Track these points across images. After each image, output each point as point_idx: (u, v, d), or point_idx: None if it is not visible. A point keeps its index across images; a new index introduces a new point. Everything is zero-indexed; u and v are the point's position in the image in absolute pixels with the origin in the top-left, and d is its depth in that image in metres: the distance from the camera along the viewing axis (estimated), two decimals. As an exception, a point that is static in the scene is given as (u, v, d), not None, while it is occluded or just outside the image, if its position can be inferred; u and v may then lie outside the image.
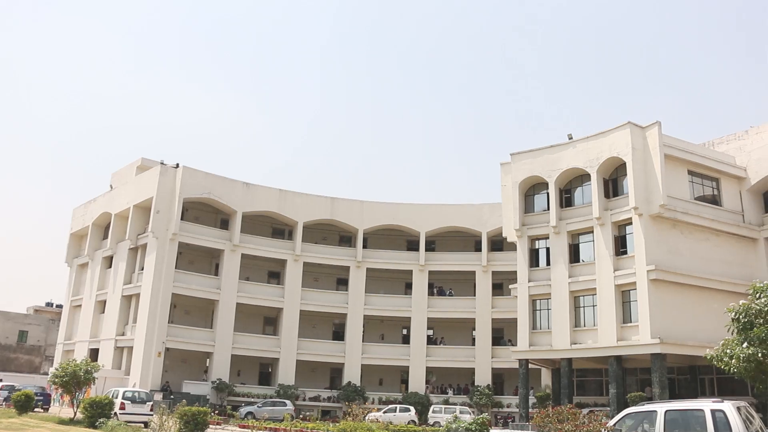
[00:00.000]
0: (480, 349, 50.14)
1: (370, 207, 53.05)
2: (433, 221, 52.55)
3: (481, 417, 26.82)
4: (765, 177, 41.16)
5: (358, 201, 53.35)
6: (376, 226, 52.80)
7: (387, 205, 53.51)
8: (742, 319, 15.46)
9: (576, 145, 40.76)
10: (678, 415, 14.95)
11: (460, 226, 52.62)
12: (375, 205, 53.35)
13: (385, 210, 53.09)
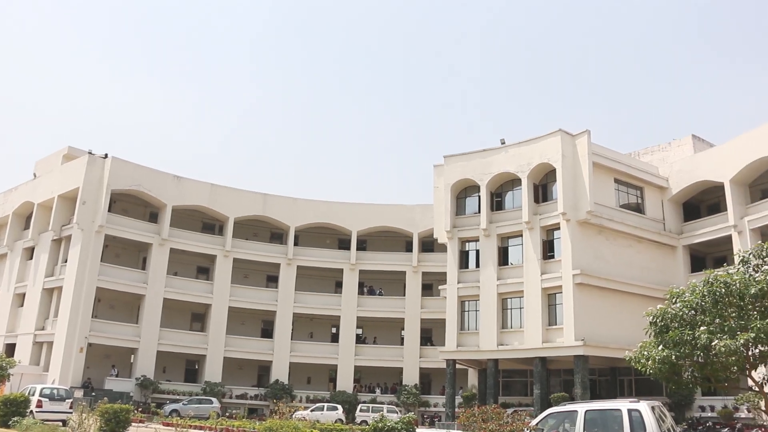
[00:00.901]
0: (408, 349, 50.47)
1: (302, 204, 52.76)
2: (365, 221, 52.66)
3: (407, 416, 27.04)
4: (685, 187, 42.81)
5: (291, 198, 53.00)
6: (307, 224, 52.55)
7: (319, 203, 53.34)
8: (658, 323, 16.03)
9: (508, 150, 41.52)
10: (597, 414, 15.42)
11: (392, 226, 52.90)
12: (307, 202, 53.09)
13: (317, 208, 52.90)
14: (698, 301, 15.48)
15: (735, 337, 14.36)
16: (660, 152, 49.37)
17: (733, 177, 39.59)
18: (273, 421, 25.52)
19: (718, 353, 14.55)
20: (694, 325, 15.40)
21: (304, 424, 26.07)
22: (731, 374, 16.43)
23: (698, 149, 47.14)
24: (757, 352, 15.40)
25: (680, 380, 16.55)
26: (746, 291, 14.79)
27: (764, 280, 14.73)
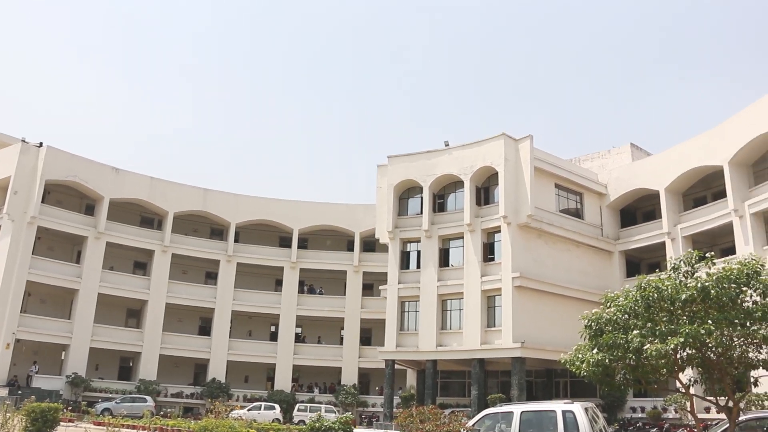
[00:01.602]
0: (348, 349, 50.37)
1: (243, 201, 52.13)
2: (307, 219, 52.35)
3: (345, 416, 26.93)
4: (622, 194, 43.92)
5: (232, 194, 52.32)
6: (249, 221, 52.00)
7: (261, 199, 52.77)
8: (593, 327, 16.30)
9: (452, 152, 41.86)
10: (532, 415, 15.68)
11: (334, 225, 52.75)
12: (249, 199, 52.48)
13: (258, 204, 52.34)
14: (631, 306, 15.79)
15: (665, 341, 14.69)
16: (600, 159, 50.60)
17: (668, 185, 40.78)
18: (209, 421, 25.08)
19: (649, 356, 14.86)
20: (627, 329, 15.70)
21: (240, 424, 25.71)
22: (661, 376, 16.84)
23: (636, 157, 48.49)
24: (685, 355, 15.81)
25: (613, 382, 16.89)
26: (677, 297, 15.14)
27: (694, 287, 15.09)
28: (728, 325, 14.94)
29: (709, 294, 14.94)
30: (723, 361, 15.87)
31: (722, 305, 15.12)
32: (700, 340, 14.72)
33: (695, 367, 16.54)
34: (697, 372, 16.93)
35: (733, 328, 14.98)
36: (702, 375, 16.82)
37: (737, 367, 16.27)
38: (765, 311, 15.14)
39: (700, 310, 15.38)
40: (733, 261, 16.22)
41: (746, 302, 15.45)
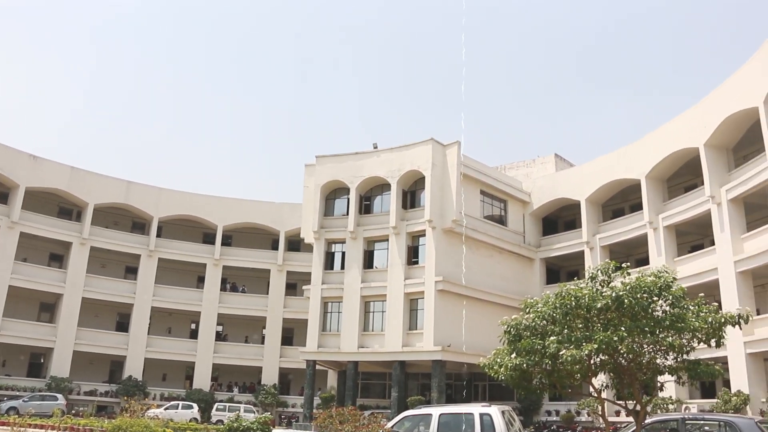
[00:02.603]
0: (269, 348, 49.93)
1: (167, 195, 51.00)
2: (231, 215, 51.66)
3: (264, 416, 26.76)
4: (545, 203, 45.05)
5: (156, 188, 51.08)
6: (172, 216, 50.89)
7: (186, 194, 51.77)
8: (512, 332, 16.67)
9: (380, 154, 42.05)
10: (451, 418, 15.93)
11: (259, 223, 52.22)
12: (173, 193, 51.38)
13: (183, 199, 51.32)
14: (550, 313, 16.23)
15: (580, 347, 15.15)
16: (525, 168, 51.76)
17: (589, 196, 42.04)
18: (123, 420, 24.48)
19: (565, 362, 15.28)
20: (544, 335, 16.11)
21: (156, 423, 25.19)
22: (575, 381, 17.34)
23: (560, 168, 49.84)
24: (598, 361, 16.34)
25: (530, 386, 17.29)
26: (593, 305, 15.65)
27: (609, 296, 15.64)
28: (639, 333, 15.54)
29: (623, 303, 15.51)
30: (633, 366, 16.48)
31: (635, 314, 15.71)
32: (613, 347, 15.24)
33: (607, 372, 17.11)
34: (608, 377, 17.51)
35: (644, 336, 15.59)
36: (613, 380, 17.43)
37: (646, 372, 16.91)
38: (673, 320, 15.82)
39: (614, 318, 15.92)
40: (646, 271, 16.86)
41: (657, 312, 16.10)
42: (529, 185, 46.47)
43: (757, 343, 30.03)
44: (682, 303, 16.37)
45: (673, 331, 15.92)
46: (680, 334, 16.03)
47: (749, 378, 30.14)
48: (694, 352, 16.80)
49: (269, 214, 52.16)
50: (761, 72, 30.03)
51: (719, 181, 33.64)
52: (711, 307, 16.64)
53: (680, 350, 16.24)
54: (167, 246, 50.15)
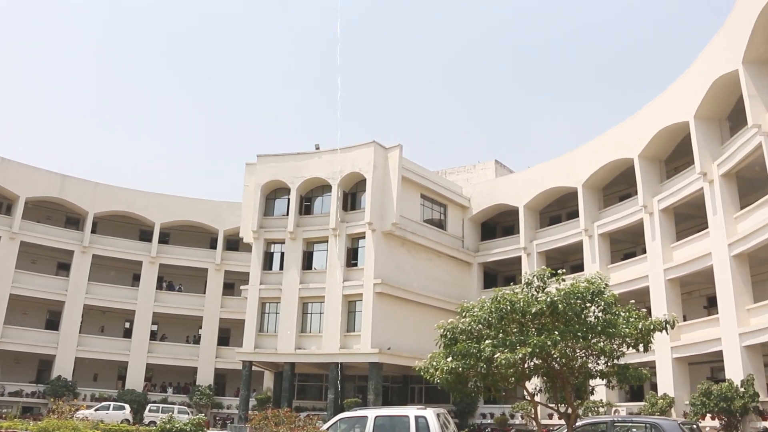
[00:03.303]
0: (205, 348, 49.23)
1: (103, 190, 49.61)
2: (169, 213, 50.74)
3: (197, 417, 26.46)
4: (484, 209, 45.64)
5: (92, 182, 49.63)
6: (108, 211, 49.59)
7: (122, 190, 50.53)
8: (448, 336, 16.85)
9: (322, 155, 41.95)
10: (386, 420, 16.01)
11: (198, 221, 51.45)
12: (109, 188, 50.03)
13: (119, 195, 50.08)
14: (485, 317, 16.45)
15: (515, 351, 15.41)
16: (465, 173, 52.33)
17: (527, 203, 42.75)
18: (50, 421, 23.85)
19: (499, 365, 15.52)
20: (480, 339, 16.33)
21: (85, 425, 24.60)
22: (509, 385, 17.62)
23: (500, 174, 50.58)
24: (532, 365, 16.64)
25: (465, 389, 17.49)
26: (528, 309, 15.94)
27: (544, 301, 15.96)
28: (572, 338, 15.89)
29: (557, 308, 15.84)
30: (565, 370, 16.83)
31: (568, 319, 16.06)
32: (546, 351, 15.54)
33: (541, 376, 17.43)
34: (542, 381, 17.84)
35: (576, 341, 15.95)
36: (546, 384, 17.77)
37: (578, 376, 17.29)
38: (605, 326, 16.24)
39: (548, 322, 16.24)
40: (581, 278, 17.26)
41: (589, 317, 16.50)
42: (469, 190, 46.99)
43: (683, 348, 31.04)
44: (614, 309, 16.81)
45: (605, 336, 16.34)
46: (611, 339, 16.46)
47: (675, 381, 31.12)
48: (623, 356, 17.27)
49: (208, 212, 51.44)
50: (691, 88, 31.07)
51: (652, 192, 34.63)
52: (640, 314, 17.15)
53: (611, 355, 16.67)
54: (102, 242, 48.89)
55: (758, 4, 24.64)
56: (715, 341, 28.97)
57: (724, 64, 28.10)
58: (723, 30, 28.90)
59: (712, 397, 26.21)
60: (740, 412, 25.69)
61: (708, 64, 29.89)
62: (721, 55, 28.46)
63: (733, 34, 27.42)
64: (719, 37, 29.22)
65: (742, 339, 27.22)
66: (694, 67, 31.57)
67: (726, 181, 29.47)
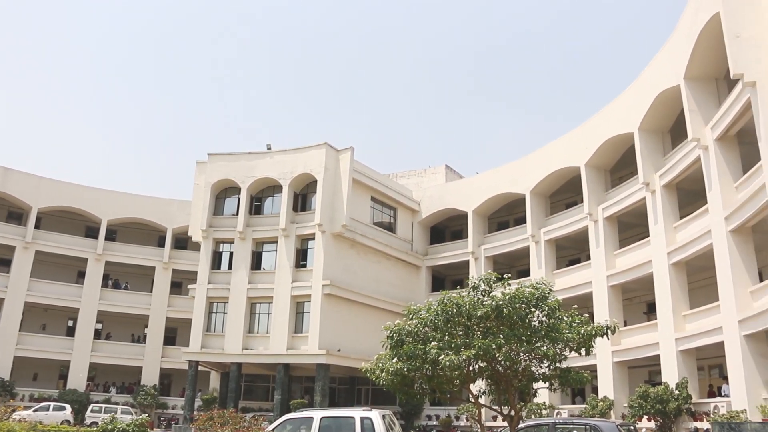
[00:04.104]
0: (150, 348, 48.58)
1: (48, 184, 48.43)
2: (117, 209, 49.92)
3: (140, 418, 26.16)
4: (434, 213, 46.13)
5: (36, 176, 48.36)
6: (53, 206, 48.46)
7: (68, 185, 49.43)
8: (395, 337, 17.07)
9: (273, 156, 41.86)
10: (332, 421, 16.15)
11: (146, 218, 50.79)
12: (54, 183, 48.87)
13: (65, 190, 48.98)
14: (432, 319, 16.74)
15: (459, 353, 15.71)
16: (416, 177, 52.77)
17: (476, 208, 43.35)
18: (-17, 423, 23.25)
19: (444, 367, 15.80)
20: (426, 341, 16.60)
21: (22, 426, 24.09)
22: (454, 387, 17.94)
23: (450, 179, 51.15)
24: (476, 367, 16.98)
25: (411, 391, 17.72)
26: (474, 313, 16.27)
27: (489, 305, 16.31)
28: (516, 342, 16.27)
29: (502, 312, 16.21)
30: (509, 373, 17.22)
31: (513, 323, 16.44)
32: (491, 354, 15.89)
33: (485, 378, 17.79)
34: (486, 383, 18.20)
35: (520, 345, 16.34)
36: (490, 386, 18.15)
37: (521, 379, 17.69)
38: (548, 330, 16.68)
39: (493, 326, 16.59)
40: (526, 283, 17.67)
41: (534, 321, 16.92)
42: (419, 194, 47.42)
43: (623, 352, 31.90)
44: (557, 314, 17.26)
45: (548, 340, 16.76)
46: (554, 343, 16.90)
47: (615, 385, 31.97)
48: (566, 360, 17.75)
49: (157, 210, 50.80)
50: (636, 101, 31.97)
51: (597, 200, 35.49)
52: (583, 319, 17.65)
53: (553, 359, 17.12)
54: (46, 238, 47.75)
55: (699, 25, 25.51)
56: (653, 346, 29.89)
57: (667, 79, 29.00)
58: (666, 46, 29.83)
59: (649, 400, 27.01)
60: (674, 414, 26.55)
61: (652, 79, 30.81)
62: (665, 70, 29.37)
63: (675, 51, 28.33)
64: (663, 52, 30.15)
65: (678, 344, 28.15)
66: (639, 81, 32.49)
67: (667, 191, 30.42)
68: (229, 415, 26.52)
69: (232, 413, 27.25)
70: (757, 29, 22.43)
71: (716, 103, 26.72)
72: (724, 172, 25.42)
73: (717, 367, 29.69)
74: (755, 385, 22.92)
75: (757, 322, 22.57)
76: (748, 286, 23.94)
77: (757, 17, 22.57)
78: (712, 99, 27.05)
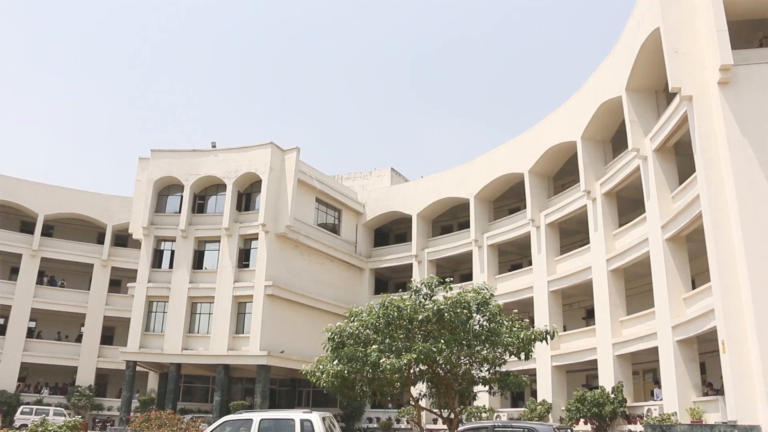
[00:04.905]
0: (87, 347, 47.30)
1: (-20, 178, 46.90)
2: (54, 204, 48.45)
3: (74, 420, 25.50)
4: (378, 215, 46.21)
5: (-33, 169, 46.80)
6: (-15, 201, 46.95)
7: (2, 177, 47.76)
8: (336, 339, 17.12)
9: (218, 154, 41.32)
10: (271, 423, 16.03)
11: (85, 214, 49.46)
12: (-12, 177, 47.38)
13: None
14: (373, 322, 16.82)
15: (400, 356, 15.80)
16: (361, 179, 52.80)
17: (420, 211, 43.59)
18: None
19: (385, 370, 15.87)
20: (367, 344, 16.66)
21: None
22: (395, 389, 18.04)
23: (395, 182, 51.33)
24: (417, 370, 17.12)
25: (351, 393, 17.77)
26: (415, 316, 16.41)
27: (431, 309, 16.46)
28: (457, 345, 16.44)
29: (444, 316, 16.37)
30: (450, 377, 17.40)
31: (454, 327, 16.61)
32: (432, 358, 16.03)
33: (426, 381, 17.93)
34: (427, 386, 18.34)
35: (461, 348, 16.52)
36: (431, 389, 18.30)
37: (461, 383, 17.89)
38: (488, 335, 16.90)
39: (434, 330, 16.74)
40: (468, 287, 17.86)
41: (475, 326, 17.11)
42: (364, 196, 47.44)
43: (562, 356, 32.49)
44: (498, 318, 17.52)
45: (488, 344, 17.00)
46: (494, 347, 17.14)
47: (553, 388, 32.55)
48: (505, 364, 18.01)
49: (97, 206, 49.53)
50: (580, 110, 32.61)
51: (539, 206, 36.05)
52: (523, 324, 17.95)
53: (493, 363, 17.36)
54: (-23, 233, 46.16)
55: (640, 38, 26.17)
56: (591, 350, 30.52)
57: (609, 90, 29.65)
58: (609, 57, 30.50)
59: (586, 403, 27.54)
60: (610, 417, 27.15)
61: (595, 89, 31.46)
62: (607, 81, 30.02)
63: (618, 63, 28.98)
64: (606, 63, 30.81)
65: (615, 348, 28.80)
66: (582, 90, 33.14)
67: (607, 199, 31.09)
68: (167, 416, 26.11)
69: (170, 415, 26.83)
70: (695, 45, 23.12)
71: (656, 115, 27.44)
72: (661, 183, 26.13)
73: (651, 372, 30.45)
74: (686, 388, 23.64)
75: (689, 328, 23.26)
76: (681, 293, 24.64)
77: (694, 34, 23.27)
78: (652, 111, 27.78)
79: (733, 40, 21.90)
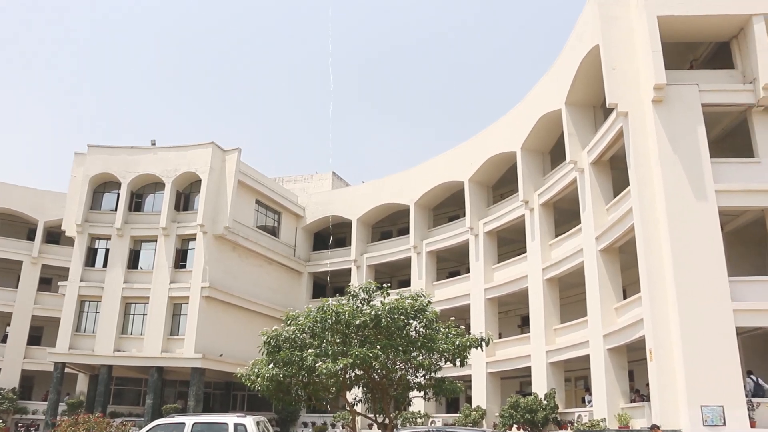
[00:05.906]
0: (12, 347, 45.65)
1: None
2: (-18, 199, 46.88)
3: (-6, 423, 24.69)
4: (318, 219, 46.11)
5: None
6: None
7: (-72, 171, 46.21)
8: (272, 343, 17.03)
9: (157, 152, 40.62)
10: (205, 427, 15.87)
11: (15, 209, 47.79)
12: None
13: (-76, 177, 45.72)
14: (310, 326, 16.79)
15: (336, 361, 15.81)
16: (302, 183, 52.64)
17: (360, 217, 43.70)
18: None
19: (321, 374, 15.87)
20: (303, 348, 16.62)
21: None
22: (330, 394, 18.02)
23: (336, 186, 51.31)
24: (353, 375, 17.15)
25: (287, 398, 17.70)
26: (352, 321, 16.44)
27: (368, 314, 16.52)
28: (393, 351, 16.54)
29: (381, 322, 16.45)
30: (385, 382, 17.47)
31: (391, 333, 16.70)
32: (368, 363, 16.07)
33: (362, 386, 17.97)
34: (362, 391, 18.39)
35: (397, 354, 16.62)
36: (366, 394, 18.36)
37: (397, 388, 17.99)
38: (425, 341, 17.05)
39: (371, 335, 16.80)
40: (406, 293, 17.98)
41: (411, 332, 17.24)
42: (305, 200, 47.28)
43: (497, 363, 32.95)
44: (435, 325, 17.69)
45: (424, 350, 17.15)
46: (430, 353, 17.30)
47: (488, 395, 32.98)
48: (441, 370, 18.17)
49: (28, 200, 47.92)
50: (520, 121, 33.22)
51: (478, 215, 36.54)
52: (459, 330, 18.16)
53: (429, 368, 17.51)
54: None
55: (580, 54, 26.84)
56: (526, 357, 31.06)
57: (549, 103, 30.28)
58: (551, 71, 31.14)
59: (519, 409, 27.98)
60: (542, 423, 27.65)
61: (536, 101, 32.07)
62: (548, 94, 30.65)
63: (558, 77, 29.63)
64: (547, 76, 31.45)
65: (549, 356, 29.39)
66: (524, 102, 33.74)
67: (544, 210, 31.73)
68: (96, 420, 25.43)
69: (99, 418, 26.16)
70: (632, 63, 23.83)
71: (593, 129, 28.14)
72: (596, 195, 26.80)
73: (582, 379, 31.15)
74: (615, 395, 24.32)
75: (620, 337, 23.91)
76: (613, 303, 25.31)
77: (632, 52, 23.98)
78: (590, 125, 28.48)
79: (667, 61, 22.63)
